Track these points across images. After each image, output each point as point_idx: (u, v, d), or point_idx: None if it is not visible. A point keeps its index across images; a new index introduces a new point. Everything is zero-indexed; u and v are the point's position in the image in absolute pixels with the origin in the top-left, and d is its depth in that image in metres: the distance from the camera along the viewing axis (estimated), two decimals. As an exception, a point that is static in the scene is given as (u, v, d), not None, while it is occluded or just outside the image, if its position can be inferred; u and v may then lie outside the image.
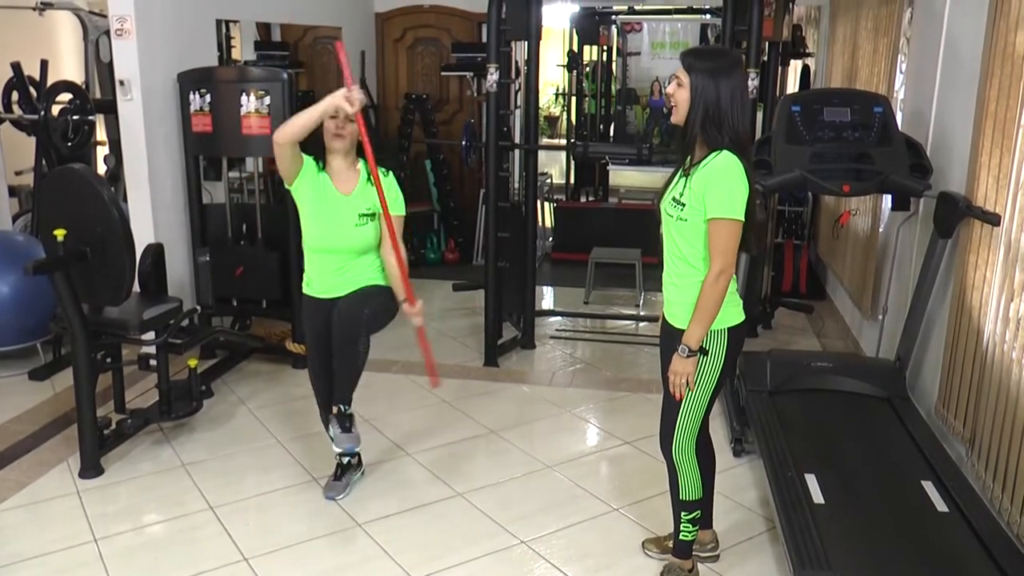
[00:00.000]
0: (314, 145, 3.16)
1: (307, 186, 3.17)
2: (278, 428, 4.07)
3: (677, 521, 2.80)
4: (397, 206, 3.18)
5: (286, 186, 3.20)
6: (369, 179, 3.15)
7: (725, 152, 2.45)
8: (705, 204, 2.45)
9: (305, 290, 3.33)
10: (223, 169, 4.99)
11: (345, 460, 3.49)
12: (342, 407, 3.29)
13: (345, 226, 3.16)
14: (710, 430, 2.92)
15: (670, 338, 2.67)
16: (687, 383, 2.55)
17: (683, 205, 2.50)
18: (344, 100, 2.88)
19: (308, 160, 3.17)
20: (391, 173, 3.24)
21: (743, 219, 2.45)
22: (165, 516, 3.30)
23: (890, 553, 2.72)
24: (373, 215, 3.18)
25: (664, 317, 2.72)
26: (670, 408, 2.67)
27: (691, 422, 2.65)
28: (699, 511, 2.79)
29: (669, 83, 2.56)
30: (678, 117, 2.52)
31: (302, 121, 2.96)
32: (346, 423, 3.28)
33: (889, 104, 3.85)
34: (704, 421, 2.75)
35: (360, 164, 3.21)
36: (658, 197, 2.66)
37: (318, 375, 3.36)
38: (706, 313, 2.49)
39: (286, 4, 6.21)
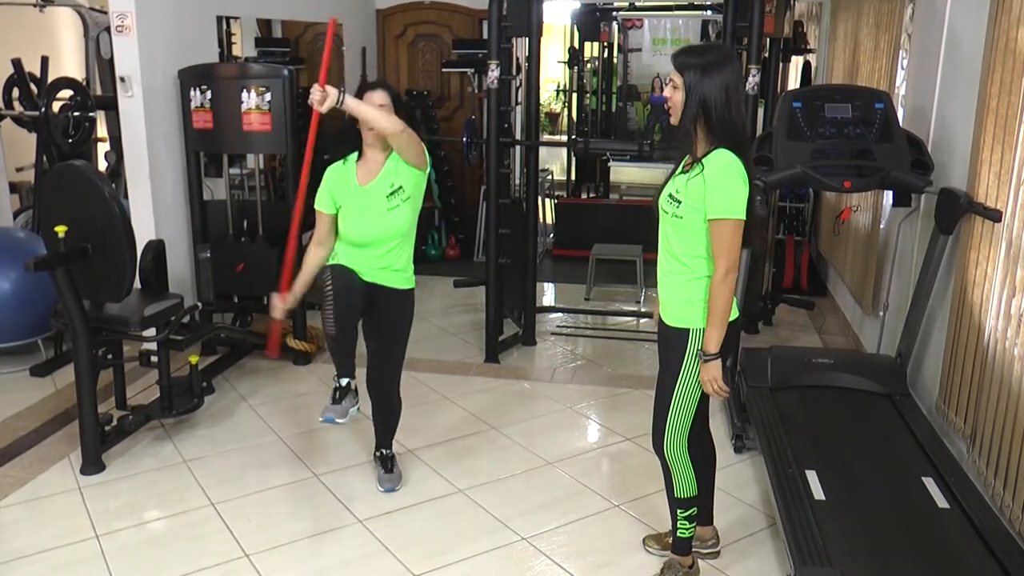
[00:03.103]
0: (348, 139, 3.19)
1: (339, 197, 3.17)
2: (279, 424, 4.07)
3: (674, 519, 2.80)
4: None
5: None
6: (398, 165, 3.10)
7: (722, 150, 2.44)
8: (705, 204, 2.44)
9: (331, 261, 3.20)
10: (224, 165, 4.99)
11: (344, 383, 3.17)
12: (383, 451, 3.52)
13: (378, 214, 3.10)
14: (711, 427, 2.93)
15: (663, 336, 2.69)
16: (717, 385, 2.54)
17: (679, 202, 2.49)
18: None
19: (324, 194, 3.17)
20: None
21: (744, 217, 2.45)
22: (166, 512, 3.31)
23: (891, 549, 2.72)
24: (400, 190, 3.10)
25: (659, 314, 2.73)
26: (660, 407, 2.67)
27: (681, 419, 2.64)
28: (695, 508, 2.78)
29: (667, 86, 2.55)
30: (676, 119, 2.51)
31: (306, 284, 3.28)
32: (388, 464, 3.52)
33: (890, 100, 3.85)
34: (701, 417, 2.76)
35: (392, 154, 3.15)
36: (657, 193, 2.66)
37: (339, 296, 3.04)
38: (718, 315, 2.48)
39: (287, 1, 6.20)
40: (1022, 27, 2.96)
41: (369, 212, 3.12)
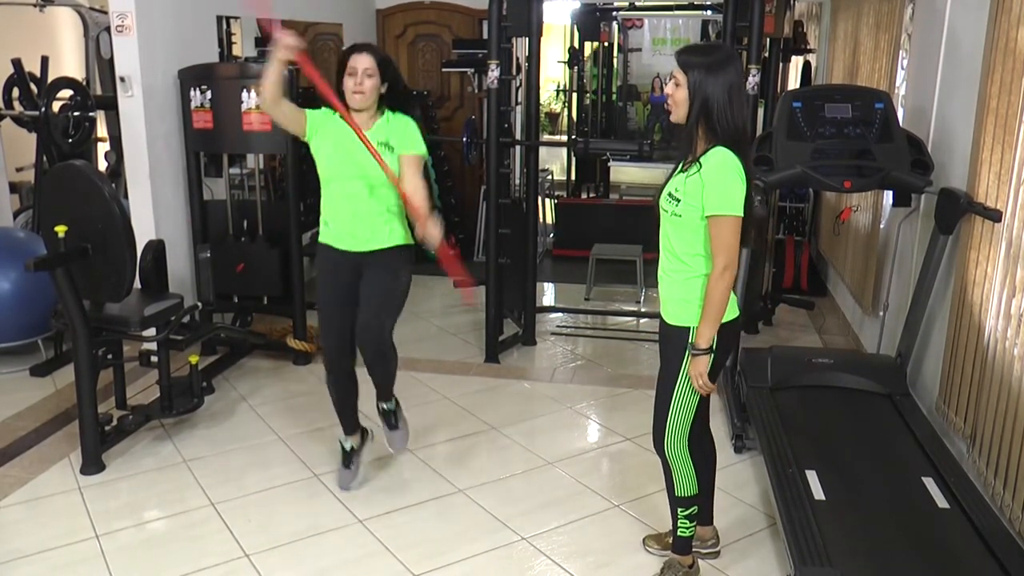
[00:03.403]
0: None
1: (321, 133, 3.15)
2: (279, 424, 4.07)
3: (674, 518, 2.80)
4: (414, 146, 3.12)
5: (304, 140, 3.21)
6: (389, 123, 3.13)
7: (720, 148, 2.45)
8: (703, 201, 2.45)
9: (322, 238, 3.23)
10: (224, 165, 4.99)
11: (348, 446, 3.47)
12: (383, 405, 3.40)
13: (362, 152, 3.07)
14: (711, 427, 2.93)
15: (663, 334, 2.69)
16: (705, 381, 2.55)
17: (678, 201, 2.50)
18: (282, 48, 2.92)
19: (316, 112, 3.16)
20: (410, 118, 3.19)
21: (743, 214, 2.45)
22: (166, 512, 3.31)
23: (891, 549, 2.72)
24: (388, 144, 3.10)
25: (660, 313, 2.73)
26: (661, 405, 2.67)
27: (681, 418, 2.65)
28: (696, 507, 2.78)
29: (668, 83, 2.56)
30: (677, 116, 2.52)
31: (265, 81, 3.00)
32: (392, 419, 3.42)
33: (890, 100, 3.85)
34: (701, 416, 2.76)
35: (386, 113, 3.16)
36: (658, 193, 2.67)
37: (330, 334, 3.26)
38: (712, 310, 2.49)
39: (287, 1, 6.20)
40: (1022, 27, 2.96)
41: (356, 151, 3.07)
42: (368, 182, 3.11)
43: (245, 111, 4.52)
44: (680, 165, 2.58)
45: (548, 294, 6.59)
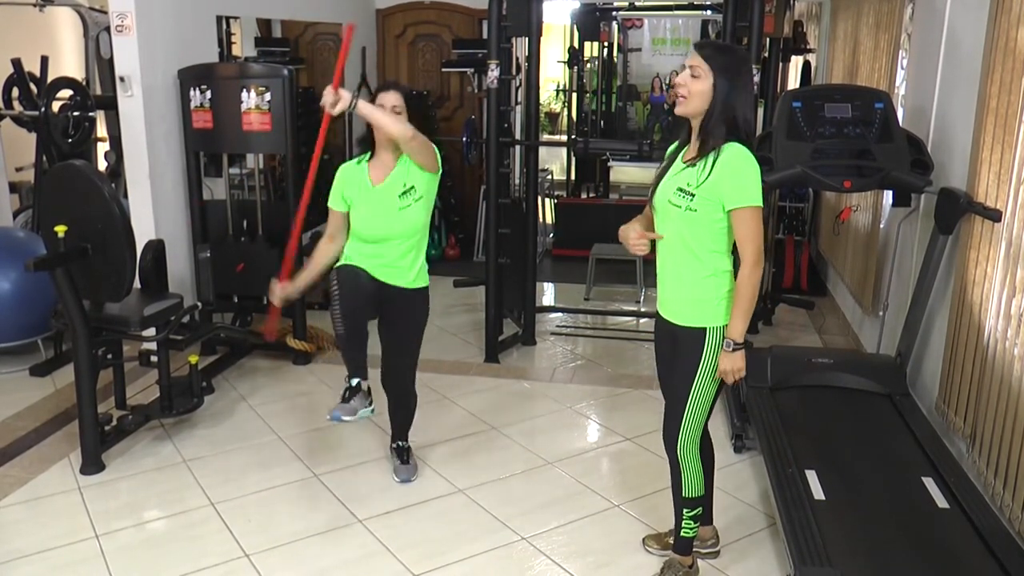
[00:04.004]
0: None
1: (351, 194, 3.19)
2: (279, 424, 4.07)
3: (679, 518, 2.80)
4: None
5: None
6: (409, 167, 3.13)
7: (734, 143, 2.44)
8: (723, 196, 2.43)
9: (342, 264, 3.17)
10: (224, 165, 4.99)
11: (354, 383, 3.20)
12: (400, 443, 3.59)
13: (389, 212, 3.13)
14: (710, 427, 2.92)
15: (669, 336, 2.67)
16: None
17: (692, 196, 2.47)
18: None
19: (340, 190, 3.19)
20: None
21: (763, 204, 2.45)
22: (166, 512, 3.31)
23: (891, 549, 2.72)
24: (412, 189, 3.13)
25: (659, 314, 2.71)
26: (674, 406, 2.66)
27: (695, 419, 2.64)
28: (700, 508, 2.79)
29: (674, 75, 2.55)
30: (687, 109, 2.48)
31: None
32: (404, 456, 3.56)
33: (890, 100, 3.84)
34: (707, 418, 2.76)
35: (402, 158, 3.16)
36: (651, 190, 2.63)
37: (348, 318, 3.05)
38: (744, 303, 2.48)
39: (287, 1, 6.20)
40: (1022, 27, 2.96)
41: (381, 211, 3.14)
42: (400, 239, 3.18)
43: (245, 111, 4.52)
44: (678, 160, 2.57)
45: (548, 294, 6.59)
